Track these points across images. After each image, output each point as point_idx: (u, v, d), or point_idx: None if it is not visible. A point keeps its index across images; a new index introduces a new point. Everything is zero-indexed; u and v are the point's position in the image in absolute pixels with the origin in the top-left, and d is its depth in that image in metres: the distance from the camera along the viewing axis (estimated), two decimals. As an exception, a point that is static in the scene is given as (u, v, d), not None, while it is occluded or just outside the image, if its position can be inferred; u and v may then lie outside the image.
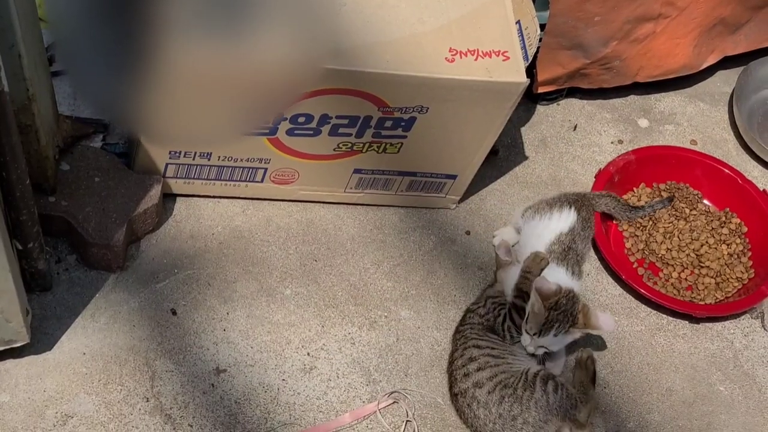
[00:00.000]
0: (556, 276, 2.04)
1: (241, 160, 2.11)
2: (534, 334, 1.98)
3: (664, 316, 2.24)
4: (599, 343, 2.16)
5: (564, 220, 2.19)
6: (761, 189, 2.41)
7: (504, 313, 2.04)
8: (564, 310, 1.97)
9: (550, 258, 2.08)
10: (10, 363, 1.92)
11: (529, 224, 2.21)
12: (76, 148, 2.11)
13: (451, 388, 2.00)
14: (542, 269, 2.03)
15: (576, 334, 2.01)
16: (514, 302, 2.04)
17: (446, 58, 1.96)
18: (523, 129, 2.52)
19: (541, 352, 2.01)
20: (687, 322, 2.24)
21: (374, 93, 1.96)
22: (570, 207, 2.21)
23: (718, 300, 2.28)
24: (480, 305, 2.08)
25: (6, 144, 1.64)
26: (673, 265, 2.31)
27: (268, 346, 2.04)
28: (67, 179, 2.06)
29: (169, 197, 2.19)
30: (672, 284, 2.29)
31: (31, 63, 1.76)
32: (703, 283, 2.29)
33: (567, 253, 2.13)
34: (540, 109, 2.58)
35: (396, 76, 1.93)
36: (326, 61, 1.89)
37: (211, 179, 2.16)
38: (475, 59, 1.97)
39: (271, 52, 1.87)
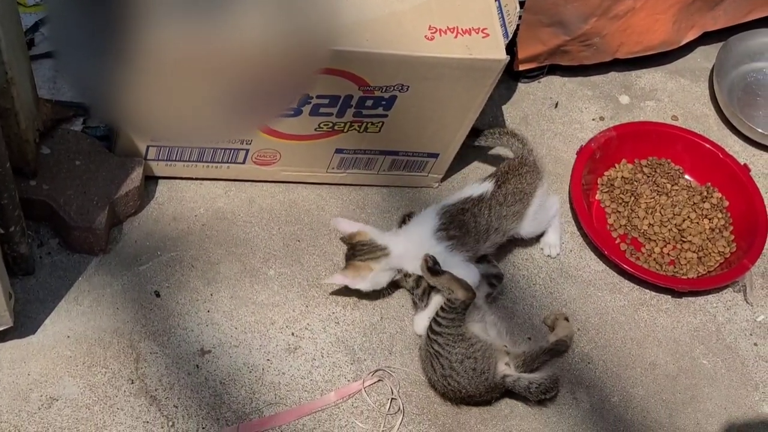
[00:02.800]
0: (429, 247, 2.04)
1: (223, 141, 2.11)
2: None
3: (647, 291, 2.25)
4: (582, 319, 2.17)
5: (476, 188, 2.15)
6: (742, 163, 2.43)
7: (423, 291, 2.05)
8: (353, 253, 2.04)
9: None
10: (-7, 347, 1.92)
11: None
12: (57, 132, 2.10)
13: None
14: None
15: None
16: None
17: (426, 36, 1.96)
18: (504, 107, 2.52)
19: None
20: (670, 296, 2.25)
21: (354, 72, 1.95)
22: (492, 179, 2.16)
23: (700, 274, 2.29)
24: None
25: (-15, 128, 1.63)
26: (655, 240, 2.32)
27: (252, 326, 2.04)
28: (48, 163, 2.05)
29: (150, 180, 2.18)
30: (654, 259, 2.30)
31: (9, 46, 1.75)
32: (685, 258, 2.30)
33: (455, 224, 2.08)
34: (521, 86, 2.58)
35: (376, 55, 1.92)
36: (309, 40, 1.89)
37: (192, 161, 2.15)
38: (455, 37, 1.97)
39: (251, 34, 1.87)
